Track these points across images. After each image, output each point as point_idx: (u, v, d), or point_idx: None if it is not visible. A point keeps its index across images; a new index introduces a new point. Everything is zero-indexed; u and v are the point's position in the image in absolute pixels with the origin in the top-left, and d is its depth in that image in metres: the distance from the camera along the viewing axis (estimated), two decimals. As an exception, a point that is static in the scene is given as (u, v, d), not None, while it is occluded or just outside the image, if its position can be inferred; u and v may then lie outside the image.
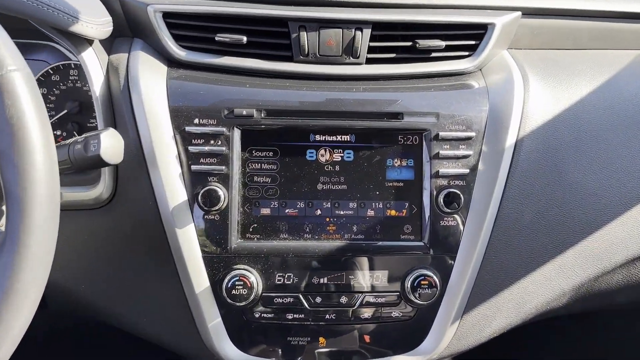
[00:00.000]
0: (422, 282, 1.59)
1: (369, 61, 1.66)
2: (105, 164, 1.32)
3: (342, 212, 1.61)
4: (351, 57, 1.63)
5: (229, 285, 1.53)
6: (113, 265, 1.62)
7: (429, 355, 1.69)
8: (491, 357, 2.29)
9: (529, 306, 1.74)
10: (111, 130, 1.36)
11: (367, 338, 1.67)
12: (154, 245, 1.57)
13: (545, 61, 1.80)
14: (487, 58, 1.72)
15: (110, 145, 1.33)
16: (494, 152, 1.61)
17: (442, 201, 1.57)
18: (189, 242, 1.54)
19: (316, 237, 1.59)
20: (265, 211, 1.59)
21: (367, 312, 1.64)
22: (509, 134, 1.62)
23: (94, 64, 1.60)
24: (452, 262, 1.62)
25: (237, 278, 1.53)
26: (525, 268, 1.69)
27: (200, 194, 1.50)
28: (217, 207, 1.51)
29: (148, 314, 1.66)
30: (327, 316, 1.62)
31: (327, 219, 1.61)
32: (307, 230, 1.60)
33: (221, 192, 1.51)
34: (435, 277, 1.58)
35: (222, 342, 1.62)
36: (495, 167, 1.61)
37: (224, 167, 1.53)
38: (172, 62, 1.64)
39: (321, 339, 1.65)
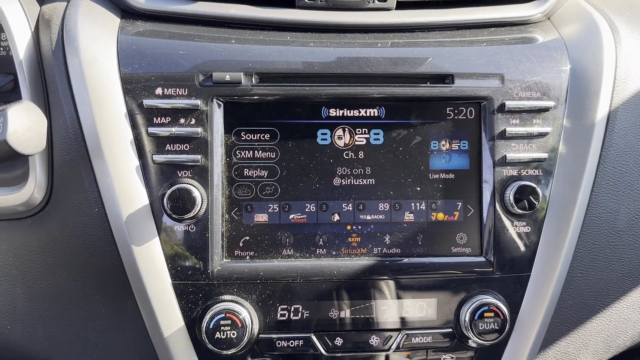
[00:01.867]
0: (485, 314, 1.15)
1: (401, 5, 1.24)
2: (16, 154, 0.89)
3: (369, 217, 1.18)
4: (377, 0, 1.19)
5: (212, 326, 1.10)
6: (49, 298, 1.19)
7: None
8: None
9: (624, 338, 1.33)
10: (24, 104, 0.92)
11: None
12: (104, 270, 1.14)
13: (633, 7, 1.36)
14: (558, 2, 1.29)
15: (22, 126, 0.91)
16: (581, 127, 1.21)
17: (510, 199, 1.14)
18: (152, 264, 1.11)
19: (333, 253, 1.17)
20: (261, 218, 1.15)
21: (407, 358, 1.18)
22: (600, 103, 1.22)
23: (17, 17, 1.18)
24: (525, 284, 1.19)
25: (223, 315, 1.10)
26: (620, 287, 1.29)
27: (166, 196, 1.07)
28: (191, 214, 1.07)
29: (99, 365, 1.21)
30: (352, 364, 1.18)
31: (349, 227, 1.19)
32: (321, 243, 1.17)
33: (197, 192, 1.08)
34: (502, 307, 1.15)
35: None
36: (583, 148, 1.21)
37: (199, 157, 1.10)
38: (126, 12, 1.21)
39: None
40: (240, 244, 1.18)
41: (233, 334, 1.12)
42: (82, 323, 1.20)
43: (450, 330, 1.21)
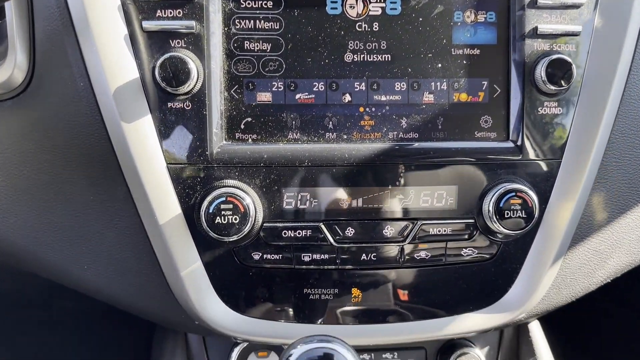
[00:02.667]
0: (512, 201, 1.04)
1: None
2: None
3: (383, 98, 1.07)
4: None
5: (211, 210, 1.00)
6: (32, 188, 1.09)
7: (514, 314, 1.16)
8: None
9: (664, 235, 1.20)
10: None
11: (422, 290, 1.13)
12: (92, 153, 1.04)
13: None
14: None
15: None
16: (620, -3, 1.06)
17: (542, 74, 1.03)
18: (144, 145, 1.01)
19: (344, 136, 1.07)
20: (264, 97, 1.05)
21: (423, 251, 1.10)
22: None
23: None
24: (555, 171, 1.08)
25: (224, 199, 1.00)
26: (660, 179, 1.16)
27: (158, 65, 0.95)
28: (185, 88, 0.97)
29: (91, 261, 1.13)
30: (363, 257, 1.10)
31: (361, 109, 1.08)
32: (330, 127, 1.06)
33: (192, 63, 0.97)
34: (530, 193, 1.04)
35: (205, 299, 1.11)
36: (621, 20, 1.10)
37: (194, 24, 0.99)
38: None
39: (354, 292, 1.13)
40: (242, 126, 1.08)
41: (235, 219, 1.03)
42: (69, 213, 1.11)
43: (472, 220, 1.12)
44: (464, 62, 1.10)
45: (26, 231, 1.13)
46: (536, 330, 1.39)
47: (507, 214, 1.08)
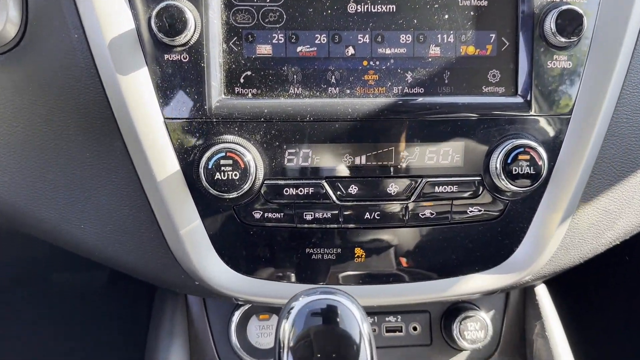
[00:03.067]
0: (520, 157, 1.02)
1: None
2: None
3: (388, 51, 1.06)
4: None
5: (211, 166, 0.98)
6: (27, 144, 1.06)
7: (521, 275, 1.15)
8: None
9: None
10: None
11: (427, 250, 1.11)
12: (87, 107, 1.01)
13: None
14: None
15: None
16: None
17: (552, 26, 0.99)
18: (140, 98, 0.99)
19: (348, 91, 1.05)
20: (264, 49, 1.02)
21: (428, 209, 1.08)
22: None
23: None
24: (564, 127, 1.06)
25: (223, 154, 0.98)
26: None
27: (154, 14, 0.92)
28: (182, 39, 0.94)
29: (88, 220, 1.11)
30: (367, 215, 1.07)
31: (365, 63, 1.06)
32: (333, 80, 1.03)
33: (189, 13, 0.93)
34: (539, 149, 1.01)
35: (205, 258, 1.09)
36: None
37: (190, -30, 0.95)
38: None
39: (357, 252, 1.11)
40: (241, 80, 1.05)
41: (235, 174, 1.00)
42: (65, 170, 1.09)
43: (478, 178, 1.09)
44: (472, 13, 1.07)
45: (21, 190, 1.10)
46: (542, 294, 1.38)
47: (515, 170, 1.05)
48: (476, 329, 1.34)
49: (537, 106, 1.07)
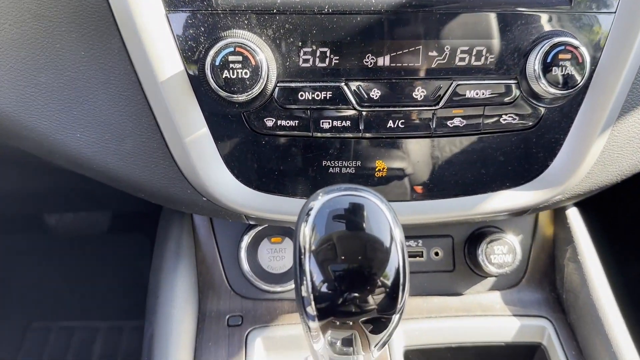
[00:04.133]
0: (560, 57, 0.93)
1: None
2: None
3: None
4: None
5: (218, 63, 0.89)
6: (17, 43, 0.98)
7: (555, 192, 1.07)
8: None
9: None
10: None
11: (454, 164, 1.03)
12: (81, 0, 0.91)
13: None
14: None
15: None
16: None
17: None
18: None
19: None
20: None
21: (457, 117, 0.99)
22: None
23: None
24: (608, 25, 1.00)
25: (232, 49, 0.88)
26: None
27: None
28: None
29: (84, 128, 1.03)
30: (390, 123, 1.00)
31: (389, -49, 0.93)
32: (354, -31, 0.93)
33: None
34: (581, 50, 0.92)
35: (213, 170, 1.02)
36: None
37: None
38: None
39: (378, 165, 1.03)
40: (251, -33, 0.94)
41: (245, 73, 0.92)
42: (58, 72, 1.00)
43: (514, 81, 1.00)
44: None
45: (10, 95, 1.02)
46: (574, 216, 1.30)
47: (555, 71, 0.96)
48: (503, 253, 1.27)
49: (579, 1, 0.97)
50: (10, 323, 2.38)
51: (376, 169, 1.06)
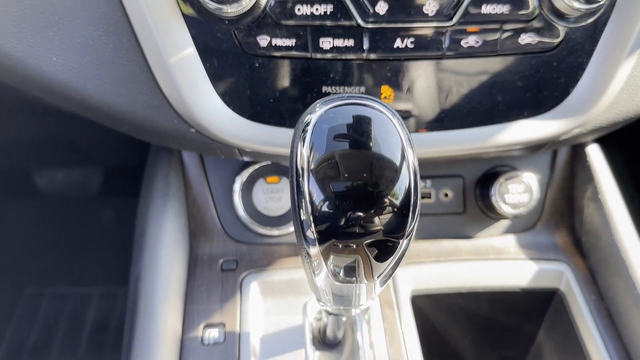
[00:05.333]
0: (587, -37, 0.84)
1: None
2: None
3: None
4: None
5: (204, -32, 0.79)
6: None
7: (576, 122, 1.00)
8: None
9: None
10: None
11: (468, 89, 0.95)
12: None
13: None
14: None
15: None
16: None
17: None
18: None
19: None
20: None
21: (473, 36, 0.92)
22: None
23: None
24: None
25: (219, -48, 0.79)
26: None
27: None
28: None
29: (61, 50, 0.95)
30: (397, 43, 0.92)
31: None
32: None
33: None
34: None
35: (201, 96, 0.94)
36: None
37: None
38: None
39: (384, 90, 0.95)
40: None
41: (233, -18, 0.83)
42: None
43: (535, -6, 0.92)
44: None
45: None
46: (594, 153, 1.23)
47: (580, -19, 0.87)
48: (519, 192, 1.20)
49: None
50: (1, 289, 2.33)
51: (382, 96, 0.98)
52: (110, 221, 2.52)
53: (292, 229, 1.21)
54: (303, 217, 0.64)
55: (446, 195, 1.27)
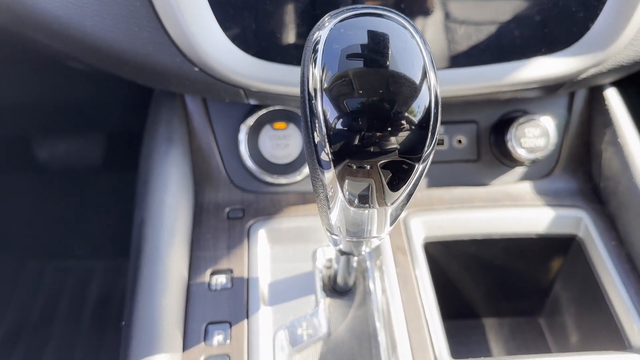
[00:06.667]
0: None
1: None
2: None
3: None
4: None
5: None
6: None
7: (596, 58, 0.97)
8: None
9: None
10: None
11: (483, 24, 0.93)
12: None
13: None
14: None
15: None
16: None
17: None
18: None
19: None
20: None
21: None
22: None
23: None
24: None
25: None
26: None
27: None
28: None
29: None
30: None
31: None
32: None
33: None
34: None
35: (204, 30, 0.92)
36: None
37: None
38: None
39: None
40: None
41: None
42: None
43: None
44: None
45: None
46: (612, 97, 1.21)
47: None
48: (535, 136, 1.18)
49: None
50: (3, 264, 2.33)
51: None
52: (114, 193, 2.51)
53: (299, 177, 1.20)
54: (317, 139, 0.62)
55: (460, 141, 1.25)
